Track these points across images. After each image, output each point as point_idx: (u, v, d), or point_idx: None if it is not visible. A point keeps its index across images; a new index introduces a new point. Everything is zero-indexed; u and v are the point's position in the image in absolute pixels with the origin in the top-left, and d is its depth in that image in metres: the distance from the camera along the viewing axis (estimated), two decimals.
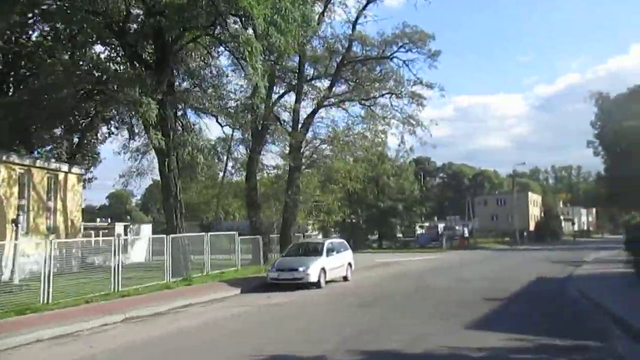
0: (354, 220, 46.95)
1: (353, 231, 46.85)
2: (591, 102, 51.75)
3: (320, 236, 41.17)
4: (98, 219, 74.55)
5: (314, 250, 19.06)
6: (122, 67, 23.82)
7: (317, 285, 17.37)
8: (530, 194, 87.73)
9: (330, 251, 18.99)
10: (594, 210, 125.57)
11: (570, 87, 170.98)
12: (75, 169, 25.22)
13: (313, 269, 17.32)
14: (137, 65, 20.55)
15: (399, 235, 52.25)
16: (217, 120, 28.39)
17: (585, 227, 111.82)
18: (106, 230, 41.43)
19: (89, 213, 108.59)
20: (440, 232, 71.08)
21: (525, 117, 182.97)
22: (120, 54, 23.77)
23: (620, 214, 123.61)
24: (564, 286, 17.67)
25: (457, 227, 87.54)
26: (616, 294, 15.09)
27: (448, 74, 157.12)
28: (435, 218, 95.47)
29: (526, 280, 19.24)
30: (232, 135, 29.40)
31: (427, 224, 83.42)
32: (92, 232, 38.26)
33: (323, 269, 17.84)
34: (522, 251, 44.33)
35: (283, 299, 15.01)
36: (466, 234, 51.68)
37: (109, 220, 66.30)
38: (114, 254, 16.27)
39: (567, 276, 21.25)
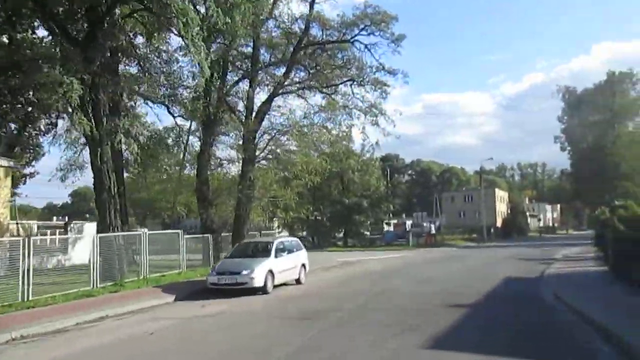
0: (318, 217, 44.85)
1: (317, 229, 44.77)
2: (558, 97, 51.18)
3: (285, 234, 38.95)
4: (54, 218, 70.92)
5: (262, 251, 16.88)
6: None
7: (263, 290, 15.22)
8: (497, 190, 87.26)
9: (280, 251, 16.83)
10: (558, 206, 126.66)
11: (536, 87, 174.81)
12: (1, 161, 22.40)
13: (258, 272, 15.15)
14: (63, 42, 18.00)
15: (367, 232, 50.42)
16: (168, 110, 26.07)
17: (550, 224, 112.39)
18: (62, 230, 38.54)
19: (50, 211, 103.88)
20: (407, 229, 70.32)
21: (493, 115, 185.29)
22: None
23: (584, 210, 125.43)
24: (537, 288, 15.94)
25: (424, 224, 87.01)
26: (594, 295, 13.40)
27: (418, 72, 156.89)
28: (404, 215, 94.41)
29: (495, 282, 17.48)
30: (190, 126, 27.11)
31: (394, 221, 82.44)
32: (48, 231, 35.52)
33: (270, 272, 15.68)
34: (489, 248, 43.04)
35: (218, 308, 12.80)
36: (433, 231, 50.14)
37: (67, 218, 62.84)
38: (23, 257, 13.78)
39: (538, 276, 19.64)
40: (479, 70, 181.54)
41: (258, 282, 15.07)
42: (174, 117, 26.26)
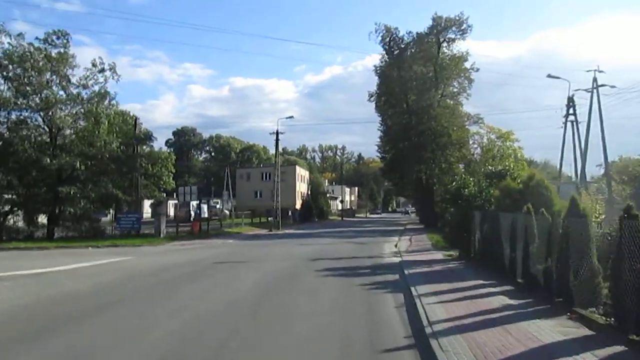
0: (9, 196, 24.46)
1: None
2: (377, 39, 38.19)
3: None
4: None
5: None
6: None
7: None
8: (297, 168, 74.87)
9: None
10: (356, 189, 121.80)
11: (335, 78, 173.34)
12: None
13: None
14: None
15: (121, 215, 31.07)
16: None
17: (348, 206, 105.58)
18: None
19: None
20: (195, 211, 55.23)
21: (296, 103, 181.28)
22: None
23: (380, 192, 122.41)
24: None
25: (218, 206, 71.09)
26: None
27: (225, 54, 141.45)
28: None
29: None
30: None
31: (175, 202, 65.83)
32: None
33: None
34: (282, 239, 28.33)
35: None
36: (204, 214, 33.52)
37: None
38: None
39: None
40: (284, 59, 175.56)
41: None
42: None
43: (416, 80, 36.72)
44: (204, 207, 32.52)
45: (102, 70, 25.54)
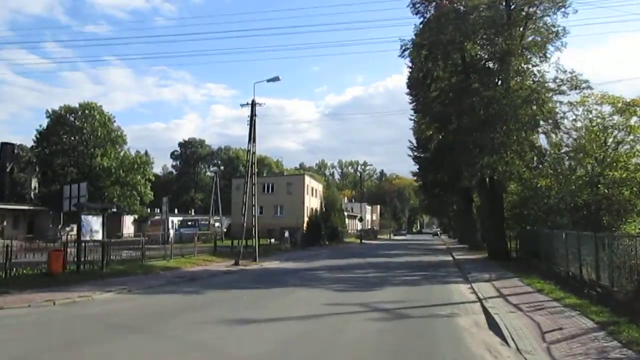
0: None
1: None
2: None
3: None
4: None
5: None
6: None
7: None
8: (307, 178, 59.49)
9: None
10: (378, 207, 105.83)
11: (356, 99, 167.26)
12: None
13: None
14: None
15: None
16: None
17: (369, 226, 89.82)
18: None
19: None
20: (177, 230, 42.78)
21: (317, 124, 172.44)
22: None
23: (404, 212, 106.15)
24: None
25: (216, 224, 58.63)
26: None
27: (247, 75, 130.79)
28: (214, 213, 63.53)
29: None
30: None
31: (157, 218, 53.90)
32: None
33: None
34: (230, 291, 13.31)
35: None
36: (89, 235, 18.21)
37: None
38: None
39: None
40: (305, 80, 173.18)
41: None
42: None
43: (480, 19, 21.58)
44: (91, 220, 16.15)
45: None
